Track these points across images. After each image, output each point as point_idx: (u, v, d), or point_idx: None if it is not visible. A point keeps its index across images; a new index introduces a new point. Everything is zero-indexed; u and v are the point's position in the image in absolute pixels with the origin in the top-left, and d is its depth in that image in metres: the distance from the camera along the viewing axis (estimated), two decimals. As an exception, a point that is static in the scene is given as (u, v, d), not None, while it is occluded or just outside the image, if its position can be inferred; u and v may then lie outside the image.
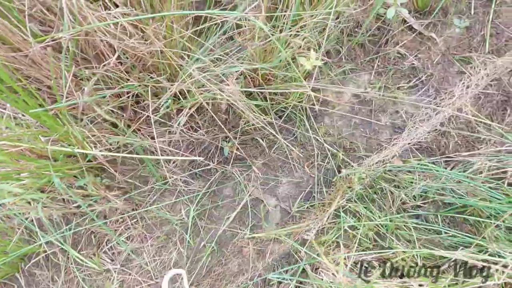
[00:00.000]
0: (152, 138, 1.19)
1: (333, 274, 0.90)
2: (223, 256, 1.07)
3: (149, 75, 1.10)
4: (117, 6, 1.03)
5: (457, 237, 0.95)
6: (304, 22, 1.06)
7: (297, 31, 1.07)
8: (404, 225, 1.01)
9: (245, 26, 0.96)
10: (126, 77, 1.07)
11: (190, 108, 1.07)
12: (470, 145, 1.10)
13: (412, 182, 1.05)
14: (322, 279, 0.87)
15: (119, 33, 0.93)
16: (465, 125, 1.16)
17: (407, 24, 1.32)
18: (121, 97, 1.13)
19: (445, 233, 0.98)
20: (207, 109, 1.16)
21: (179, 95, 1.10)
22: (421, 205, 1.05)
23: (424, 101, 1.22)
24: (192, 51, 1.01)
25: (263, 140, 1.21)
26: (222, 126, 1.13)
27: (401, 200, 1.05)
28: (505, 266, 0.78)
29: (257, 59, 1.10)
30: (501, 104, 1.16)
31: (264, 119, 1.13)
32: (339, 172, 1.14)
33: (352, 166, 1.12)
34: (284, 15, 1.08)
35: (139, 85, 1.05)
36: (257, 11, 1.03)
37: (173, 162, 1.19)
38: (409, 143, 1.14)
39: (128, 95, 1.12)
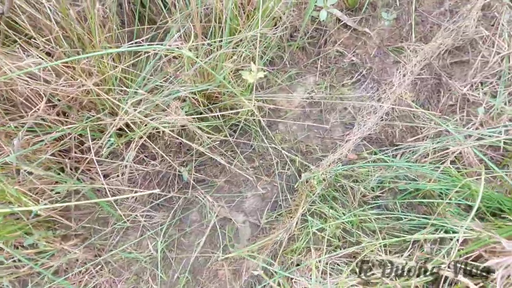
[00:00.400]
0: (105, 176, 1.13)
1: (307, 280, 0.91)
2: (199, 284, 1.05)
3: (88, 113, 1.04)
4: (37, 46, 0.96)
5: (414, 220, 1.01)
6: (240, 37, 1.07)
7: (235, 46, 1.07)
8: (368, 217, 1.05)
9: (176, 54, 0.94)
10: (63, 119, 1.01)
11: (141, 138, 1.03)
12: (414, 130, 1.17)
13: (368, 175, 1.09)
14: (297, 289, 0.88)
15: (43, 77, 0.87)
16: (408, 111, 1.23)
17: (342, 23, 1.37)
18: (63, 139, 1.06)
19: (405, 218, 1.03)
20: (157, 138, 1.13)
21: (125, 129, 1.06)
22: (380, 195, 1.10)
23: (368, 94, 1.27)
24: (129, 83, 0.97)
25: (222, 157, 1.20)
26: (167, 157, 1.10)
27: (361, 193, 1.09)
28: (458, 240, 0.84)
29: (199, 80, 1.08)
30: (435, 87, 1.25)
31: (217, 137, 1.12)
32: (300, 176, 1.16)
33: (311, 169, 1.15)
34: (219, 31, 1.07)
35: (78, 126, 0.99)
36: (189, 34, 1.02)
37: (132, 197, 1.14)
38: (360, 137, 1.18)
39: (70, 136, 1.05)
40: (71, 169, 1.08)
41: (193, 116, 1.04)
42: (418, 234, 0.97)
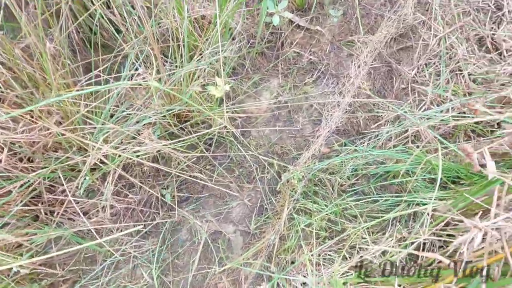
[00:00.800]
0: (84, 213, 1.09)
1: (303, 276, 0.97)
2: (201, 302, 1.06)
3: (54, 153, 1.00)
4: (-13, 94, 0.90)
5: (389, 199, 1.10)
6: (201, 53, 1.08)
7: (197, 63, 1.08)
8: (348, 205, 1.13)
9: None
10: (28, 165, 0.96)
11: (115, 172, 1.00)
12: (375, 117, 1.27)
13: (342, 165, 1.17)
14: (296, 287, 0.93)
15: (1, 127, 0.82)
16: (367, 101, 1.32)
17: (295, 24, 1.43)
18: (32, 185, 1.00)
19: (380, 199, 1.12)
20: (133, 166, 1.11)
21: (97, 163, 1.03)
22: (355, 182, 1.18)
23: (330, 89, 1.35)
24: (95, 117, 0.94)
25: (201, 173, 1.21)
26: (145, 187, 1.09)
27: (338, 184, 1.17)
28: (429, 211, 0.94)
29: (166, 101, 1.08)
30: (388, 74, 1.36)
31: (193, 155, 1.12)
32: (281, 178, 1.21)
33: (289, 169, 1.20)
34: (178, 50, 1.07)
35: (47, 169, 0.95)
36: (148, 55, 1.01)
37: (117, 229, 1.11)
38: (329, 131, 1.25)
39: (39, 181, 1.00)
40: (46, 214, 1.03)
41: (166, 140, 1.04)
42: (394, 212, 1.06)
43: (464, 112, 1.10)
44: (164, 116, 1.07)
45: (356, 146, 1.20)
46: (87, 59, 1.19)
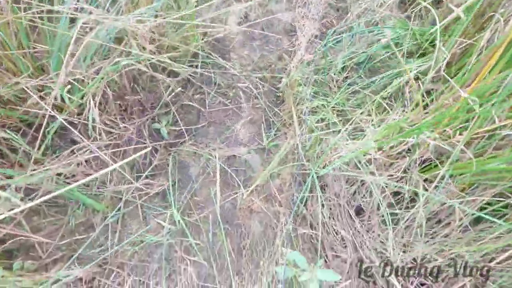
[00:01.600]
0: (58, 174, 0.82)
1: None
2: (240, 227, 0.91)
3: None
4: None
5: (383, 78, 1.15)
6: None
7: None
8: (348, 95, 1.14)
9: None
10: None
11: (94, 98, 0.77)
12: (343, 14, 1.32)
13: (332, 61, 1.17)
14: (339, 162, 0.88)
15: None
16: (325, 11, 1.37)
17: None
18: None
19: (372, 83, 1.16)
20: (107, 102, 0.88)
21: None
22: (347, 75, 1.20)
23: (293, 4, 1.35)
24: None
25: (192, 101, 1.05)
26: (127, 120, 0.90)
27: (335, 80, 1.16)
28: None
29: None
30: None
31: (185, 71, 0.97)
32: (277, 89, 1.15)
33: (283, 77, 1.14)
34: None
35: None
36: None
37: (115, 171, 0.87)
38: (305, 39, 1.25)
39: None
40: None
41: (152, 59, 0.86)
42: (391, 86, 1.11)
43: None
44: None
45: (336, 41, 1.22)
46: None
